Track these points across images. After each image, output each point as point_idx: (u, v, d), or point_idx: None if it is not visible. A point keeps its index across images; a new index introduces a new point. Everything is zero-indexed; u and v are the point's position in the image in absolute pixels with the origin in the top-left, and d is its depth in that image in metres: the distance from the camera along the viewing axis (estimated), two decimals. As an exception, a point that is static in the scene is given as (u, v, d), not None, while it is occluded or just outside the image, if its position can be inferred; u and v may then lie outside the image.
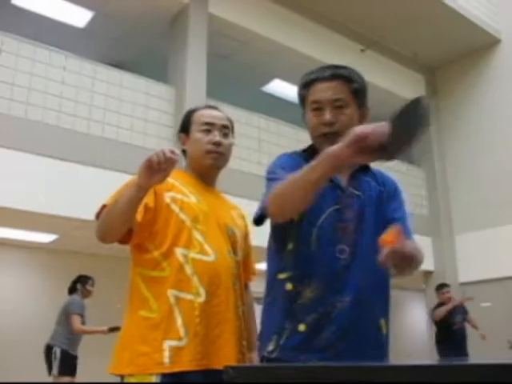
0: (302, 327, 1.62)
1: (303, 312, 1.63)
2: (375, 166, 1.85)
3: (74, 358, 5.90)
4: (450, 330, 6.92)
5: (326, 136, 1.67)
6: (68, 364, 5.79)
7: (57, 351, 5.74)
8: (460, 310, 7.17)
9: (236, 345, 1.83)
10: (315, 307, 1.62)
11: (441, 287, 7.42)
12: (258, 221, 1.70)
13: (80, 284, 6.09)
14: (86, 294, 6.09)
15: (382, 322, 1.70)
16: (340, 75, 1.70)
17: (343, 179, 1.73)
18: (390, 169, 1.99)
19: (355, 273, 1.64)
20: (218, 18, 7.59)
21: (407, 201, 1.83)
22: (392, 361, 1.79)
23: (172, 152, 1.58)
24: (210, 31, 7.50)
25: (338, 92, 1.68)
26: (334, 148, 1.40)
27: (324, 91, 1.69)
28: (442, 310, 6.87)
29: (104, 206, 1.78)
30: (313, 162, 1.46)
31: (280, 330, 1.65)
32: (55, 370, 5.71)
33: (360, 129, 1.37)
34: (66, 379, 5.78)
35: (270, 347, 1.66)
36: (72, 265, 7.69)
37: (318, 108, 1.69)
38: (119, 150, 6.28)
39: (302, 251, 1.67)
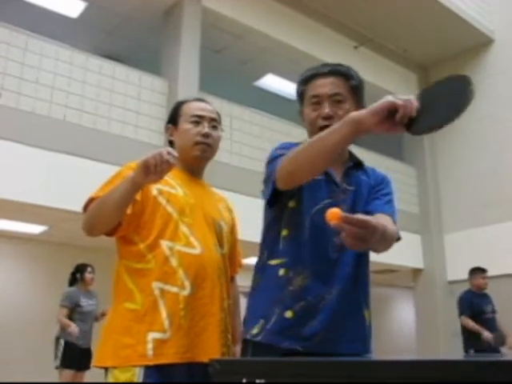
0: (289, 313, 1.65)
1: (293, 299, 1.65)
2: (368, 163, 1.89)
3: (83, 351, 5.80)
4: (479, 320, 6.29)
5: (323, 129, 1.67)
6: (72, 357, 5.73)
7: (61, 342, 5.75)
8: (489, 300, 6.52)
9: (220, 338, 1.83)
10: (305, 295, 1.65)
11: (476, 271, 6.64)
12: (271, 200, 1.70)
13: (79, 273, 6.10)
14: (87, 281, 6.09)
15: (366, 312, 1.74)
16: (339, 71, 1.75)
17: (338, 175, 1.76)
18: (380, 165, 2.00)
19: (344, 265, 1.69)
20: (211, 11, 7.56)
21: (396, 197, 1.84)
22: (377, 355, 1.80)
23: (169, 153, 1.58)
24: (204, 24, 7.47)
25: (336, 87, 1.72)
26: (358, 113, 1.39)
27: (323, 86, 1.73)
28: (471, 325, 6.25)
29: (92, 199, 1.78)
30: (333, 126, 1.45)
31: (268, 315, 1.67)
32: (57, 362, 5.70)
33: (391, 99, 1.36)
34: (68, 373, 5.72)
35: (255, 330, 1.68)
36: (61, 256, 7.68)
37: (317, 102, 1.73)
38: (110, 141, 6.25)
39: (296, 238, 1.70)
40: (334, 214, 1.29)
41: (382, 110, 1.36)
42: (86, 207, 1.79)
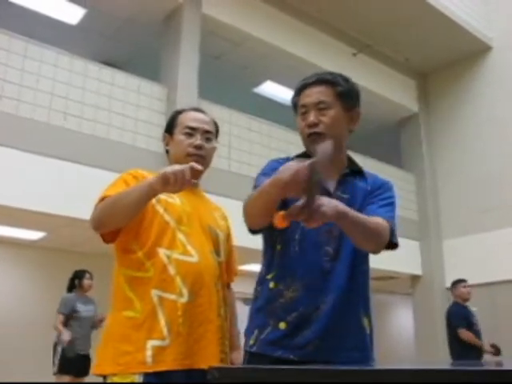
0: (282, 325, 1.68)
1: (284, 311, 1.69)
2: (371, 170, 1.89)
3: (81, 357, 5.80)
4: (472, 332, 6.28)
5: (310, 137, 1.76)
6: (70, 363, 5.71)
7: (59, 349, 5.75)
8: (473, 312, 6.59)
9: (218, 344, 1.84)
10: (296, 307, 1.67)
11: (457, 282, 6.71)
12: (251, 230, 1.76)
13: (77, 279, 6.11)
14: (85, 288, 6.10)
15: (365, 321, 1.75)
16: (324, 80, 1.79)
17: (332, 183, 1.76)
18: (379, 172, 2.00)
19: (338, 274, 1.70)
20: (211, 18, 7.58)
21: (396, 203, 1.83)
22: (377, 363, 1.80)
23: (193, 168, 1.63)
24: (203, 31, 7.49)
25: (321, 95, 1.77)
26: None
27: (309, 96, 1.78)
28: (471, 338, 6.21)
29: (103, 198, 1.79)
30: (265, 186, 1.52)
31: (262, 326, 1.71)
32: (55, 368, 5.70)
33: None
34: (66, 379, 5.72)
35: (251, 341, 1.73)
36: (60, 262, 7.67)
37: (305, 112, 1.78)
38: (109, 148, 6.25)
39: (286, 252, 1.73)
40: (279, 217, 1.36)
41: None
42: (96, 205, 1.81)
